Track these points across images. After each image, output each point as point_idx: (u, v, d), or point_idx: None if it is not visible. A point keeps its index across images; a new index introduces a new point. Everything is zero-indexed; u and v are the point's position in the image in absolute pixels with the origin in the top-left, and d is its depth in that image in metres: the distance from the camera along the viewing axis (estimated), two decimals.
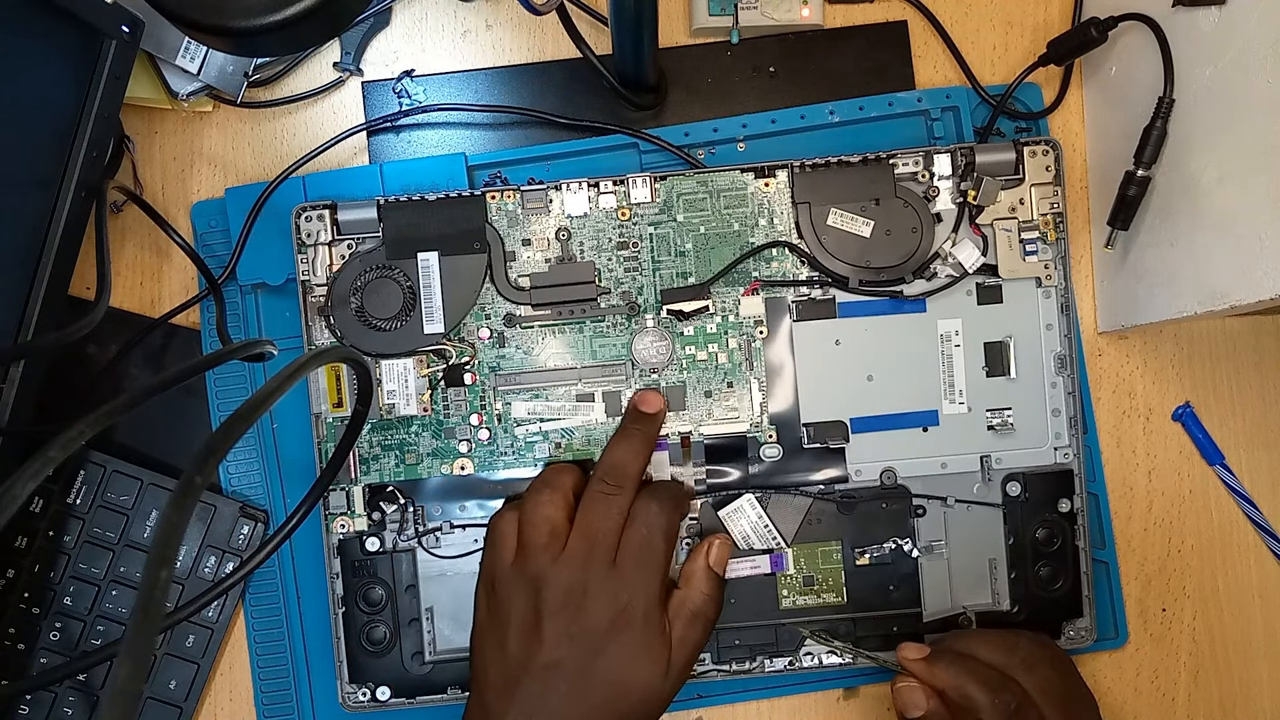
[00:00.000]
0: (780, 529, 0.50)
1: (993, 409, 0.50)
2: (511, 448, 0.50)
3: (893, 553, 0.50)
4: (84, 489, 0.51)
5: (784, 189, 0.50)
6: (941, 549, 0.50)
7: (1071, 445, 0.50)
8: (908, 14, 0.57)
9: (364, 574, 0.50)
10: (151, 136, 0.56)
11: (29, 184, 0.46)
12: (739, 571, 0.49)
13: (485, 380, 0.50)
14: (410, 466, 0.50)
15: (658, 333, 0.50)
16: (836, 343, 0.50)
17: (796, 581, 0.50)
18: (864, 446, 0.50)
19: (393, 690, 0.50)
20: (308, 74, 0.56)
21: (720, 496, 0.50)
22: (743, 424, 0.50)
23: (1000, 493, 0.50)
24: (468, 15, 0.57)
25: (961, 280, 0.50)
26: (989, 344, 0.50)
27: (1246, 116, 0.42)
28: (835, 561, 0.50)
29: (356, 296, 0.50)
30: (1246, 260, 0.42)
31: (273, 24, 0.34)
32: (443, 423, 0.50)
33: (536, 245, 0.50)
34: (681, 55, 0.56)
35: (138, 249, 0.56)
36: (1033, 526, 0.50)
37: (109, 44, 0.46)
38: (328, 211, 0.50)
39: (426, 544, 0.50)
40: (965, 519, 0.50)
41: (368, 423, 0.50)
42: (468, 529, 0.50)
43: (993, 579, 0.50)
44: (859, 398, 0.50)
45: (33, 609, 0.51)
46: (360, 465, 0.50)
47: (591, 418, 0.50)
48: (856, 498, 0.50)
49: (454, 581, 0.50)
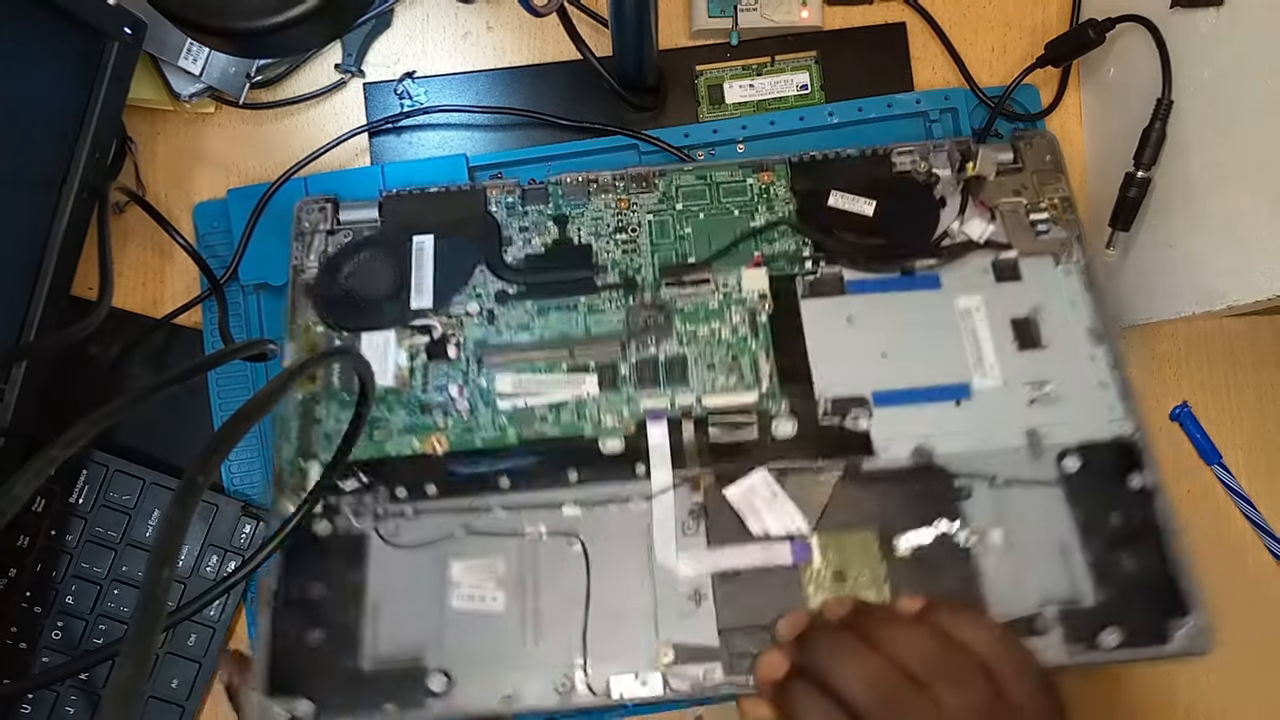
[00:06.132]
0: (802, 510, 0.42)
1: (1031, 382, 0.44)
2: (492, 422, 0.46)
3: (939, 542, 0.42)
4: (86, 488, 0.52)
5: (783, 179, 0.50)
6: (997, 536, 0.42)
7: (1129, 417, 0.44)
8: (906, 16, 0.57)
9: (305, 563, 0.43)
10: (154, 138, 0.56)
11: (32, 185, 0.46)
12: (752, 562, 0.42)
13: (470, 355, 0.47)
14: (378, 444, 0.45)
15: (654, 307, 0.47)
16: (848, 319, 0.47)
17: (825, 576, 0.41)
18: (890, 421, 0.44)
19: (318, 706, 0.40)
20: (309, 75, 0.57)
21: (728, 470, 0.43)
22: (751, 395, 0.45)
23: (1056, 469, 0.43)
24: (468, 17, 0.57)
25: (975, 251, 0.47)
26: (1016, 319, 0.46)
27: (1244, 118, 0.43)
28: (871, 553, 0.42)
29: (347, 277, 0.48)
30: (1244, 261, 0.42)
31: (274, 25, 0.34)
32: (419, 398, 0.46)
33: (534, 231, 0.50)
34: (681, 56, 0.57)
35: (140, 250, 0.56)
36: (1102, 506, 0.42)
37: (111, 45, 0.47)
38: (330, 206, 0.50)
39: (384, 531, 0.43)
40: (1020, 500, 0.42)
41: (335, 398, 0.46)
42: (433, 516, 0.43)
43: (1068, 570, 0.41)
44: (878, 373, 0.45)
45: (35, 608, 0.51)
46: (322, 440, 0.45)
47: (583, 390, 0.46)
48: (888, 477, 0.43)
49: (407, 577, 0.43)
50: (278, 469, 0.45)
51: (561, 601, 0.41)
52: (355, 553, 0.43)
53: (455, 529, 0.43)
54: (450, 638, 0.41)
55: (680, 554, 0.42)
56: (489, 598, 0.42)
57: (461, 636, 0.41)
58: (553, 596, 0.42)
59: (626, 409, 0.46)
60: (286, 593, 0.42)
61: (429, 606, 0.42)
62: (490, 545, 0.43)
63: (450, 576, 0.42)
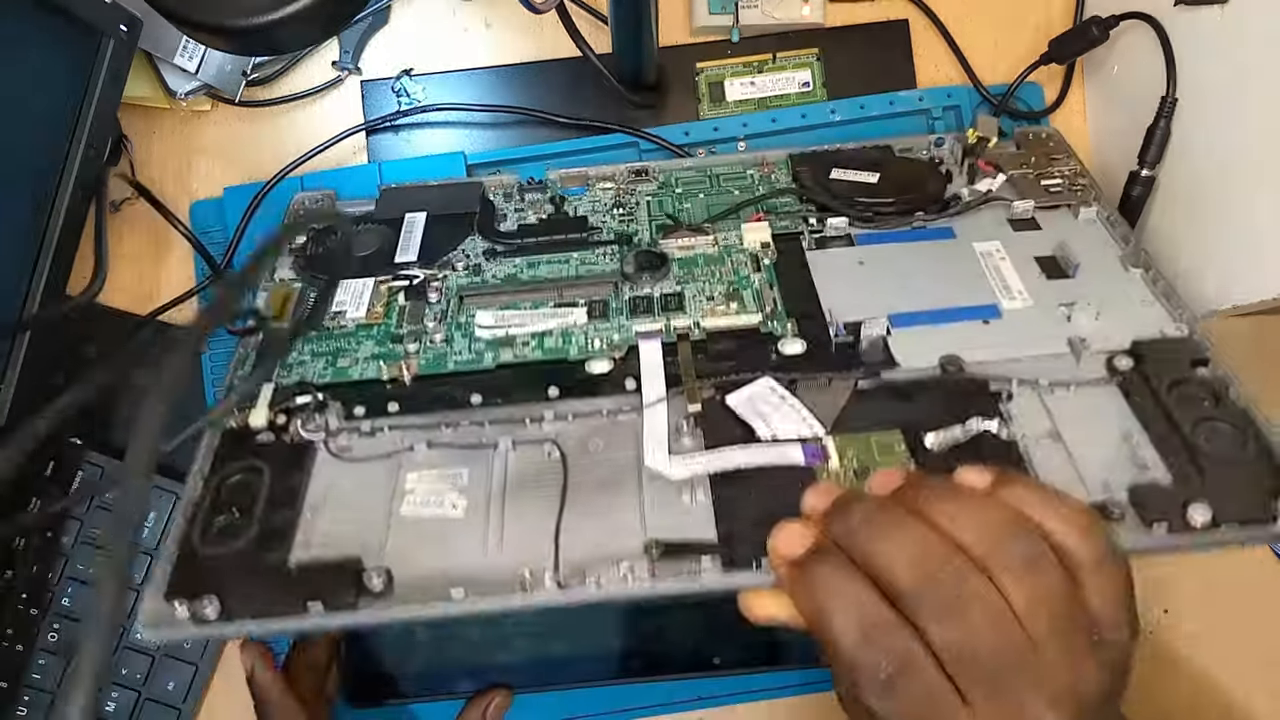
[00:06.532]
0: (815, 413, 0.36)
1: (1065, 303, 0.40)
2: (469, 348, 0.41)
3: (977, 439, 0.35)
4: (82, 490, 0.51)
5: (784, 171, 0.49)
6: (1047, 428, 0.36)
7: (1184, 320, 0.39)
8: (909, 13, 0.57)
9: (239, 466, 0.37)
10: (150, 136, 0.56)
11: (27, 181, 0.45)
12: (756, 461, 0.35)
13: (451, 297, 0.44)
14: (340, 370, 0.41)
15: (651, 254, 0.44)
16: (860, 262, 0.43)
17: (846, 476, 0.35)
18: (911, 339, 0.39)
19: (225, 606, 0.32)
20: (306, 73, 0.56)
21: (728, 384, 0.38)
22: (754, 318, 0.41)
23: (1105, 370, 0.38)
24: (467, 14, 0.57)
25: (989, 204, 0.45)
26: (1040, 257, 0.43)
27: (1249, 116, 0.42)
28: (898, 452, 0.35)
29: (333, 239, 0.47)
30: (1249, 260, 0.42)
31: (271, 22, 0.34)
32: (391, 330, 0.43)
33: (530, 208, 0.49)
34: (682, 54, 0.56)
35: (136, 246, 0.55)
36: (1168, 396, 0.36)
37: (107, 42, 0.46)
38: (326, 200, 0.50)
39: (335, 445, 0.38)
40: (1070, 400, 0.37)
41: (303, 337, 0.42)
42: (390, 432, 0.38)
43: (1135, 456, 0.35)
44: (896, 299, 0.41)
45: (31, 610, 0.50)
46: (280, 370, 0.41)
47: (571, 320, 0.42)
48: (914, 384, 0.38)
49: (353, 484, 0.37)
50: (228, 390, 0.41)
51: (533, 507, 0.35)
52: (297, 461, 0.37)
53: (415, 442, 0.38)
54: (397, 542, 0.35)
55: (673, 457, 0.35)
56: (448, 504, 0.36)
57: (410, 541, 0.35)
58: (523, 503, 0.35)
59: (617, 335, 0.41)
60: (215, 495, 0.36)
61: (376, 513, 0.36)
62: (453, 456, 0.37)
63: (404, 485, 0.36)
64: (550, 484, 0.36)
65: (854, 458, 0.35)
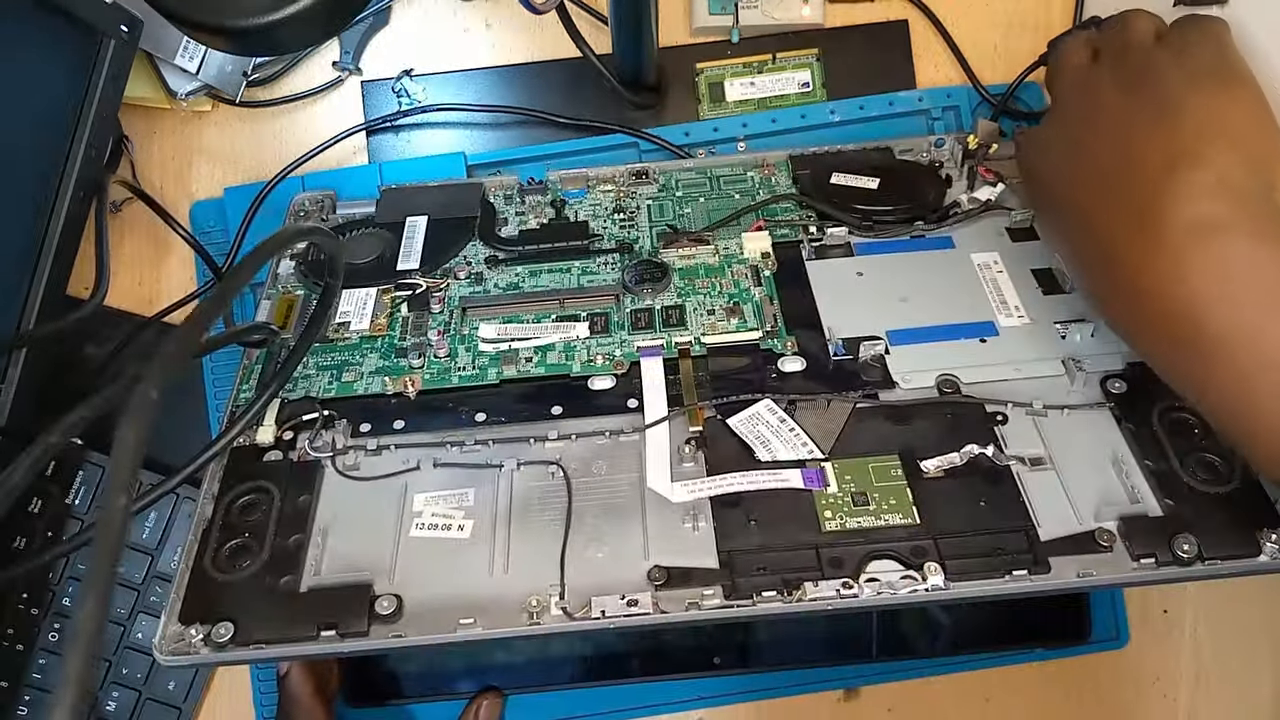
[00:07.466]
0: (813, 437, 0.38)
1: (1062, 321, 0.41)
2: (472, 362, 0.42)
3: (973, 462, 0.37)
4: (82, 490, 0.51)
5: (784, 172, 0.50)
6: (1040, 454, 0.37)
7: None
8: (909, 13, 0.57)
9: (247, 486, 0.38)
10: (150, 136, 0.56)
11: (27, 183, 0.45)
12: (757, 486, 0.36)
13: (453, 307, 0.45)
14: (346, 384, 0.42)
15: (651, 264, 0.46)
16: (858, 274, 0.45)
17: (844, 501, 0.36)
18: (909, 357, 0.41)
19: (237, 628, 0.34)
20: (307, 73, 0.56)
21: (729, 406, 0.39)
22: (754, 334, 0.42)
23: (1101, 392, 0.39)
24: (467, 14, 0.57)
25: (987, 214, 0.46)
26: (1037, 270, 0.44)
27: None
28: (895, 477, 0.37)
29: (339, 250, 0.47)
30: None
31: (271, 23, 0.34)
32: (395, 343, 0.44)
33: (531, 212, 0.50)
34: (682, 54, 0.56)
35: (136, 249, 0.55)
36: (1161, 423, 0.38)
37: (108, 43, 0.46)
38: (326, 200, 0.50)
39: (342, 464, 0.39)
40: (1064, 424, 0.38)
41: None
42: (396, 450, 0.39)
43: (1126, 485, 0.36)
44: (894, 315, 0.42)
45: (31, 610, 0.51)
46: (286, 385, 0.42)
47: (573, 334, 0.43)
48: (910, 406, 0.39)
49: (362, 505, 0.38)
50: (232, 407, 0.42)
51: (538, 530, 0.36)
52: (306, 481, 0.38)
53: (421, 461, 0.39)
54: (406, 565, 0.36)
55: (675, 481, 0.37)
56: (455, 526, 0.37)
57: (419, 564, 0.36)
58: (528, 525, 0.36)
59: (619, 350, 0.42)
60: (225, 515, 0.37)
61: (384, 536, 0.37)
62: (459, 476, 0.38)
63: (412, 507, 0.37)
64: (555, 505, 0.37)
65: (851, 482, 0.37)
